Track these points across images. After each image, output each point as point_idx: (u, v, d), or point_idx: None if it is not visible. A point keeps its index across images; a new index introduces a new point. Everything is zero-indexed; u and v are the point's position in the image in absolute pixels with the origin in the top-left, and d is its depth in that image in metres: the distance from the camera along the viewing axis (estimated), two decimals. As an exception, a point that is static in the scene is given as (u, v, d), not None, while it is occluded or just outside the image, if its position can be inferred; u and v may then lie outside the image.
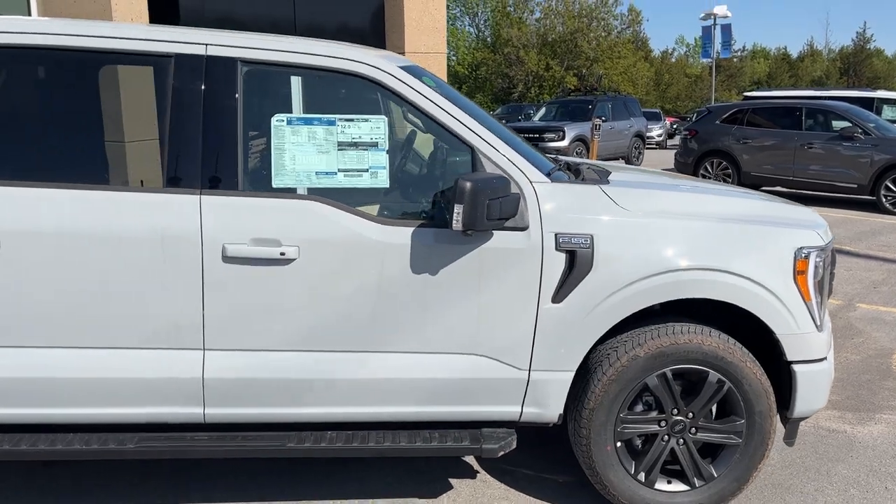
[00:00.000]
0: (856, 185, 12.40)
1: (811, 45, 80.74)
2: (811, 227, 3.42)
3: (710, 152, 14.00)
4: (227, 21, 10.11)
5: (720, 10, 39.48)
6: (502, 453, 3.25)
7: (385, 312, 3.11)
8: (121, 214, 2.97)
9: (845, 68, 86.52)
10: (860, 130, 12.41)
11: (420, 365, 3.18)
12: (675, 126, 33.78)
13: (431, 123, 3.18)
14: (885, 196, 12.19)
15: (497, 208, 2.94)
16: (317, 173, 3.10)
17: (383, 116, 3.15)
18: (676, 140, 22.35)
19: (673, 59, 63.03)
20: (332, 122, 3.12)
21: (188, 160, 3.02)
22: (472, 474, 3.86)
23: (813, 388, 3.34)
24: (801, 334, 3.26)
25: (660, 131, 30.61)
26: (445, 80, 12.31)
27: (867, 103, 15.60)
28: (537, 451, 4.05)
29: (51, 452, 3.07)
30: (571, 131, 18.17)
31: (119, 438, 3.13)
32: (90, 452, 3.10)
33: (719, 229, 3.26)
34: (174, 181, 3.02)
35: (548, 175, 3.23)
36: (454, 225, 2.90)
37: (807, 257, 3.26)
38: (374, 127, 3.14)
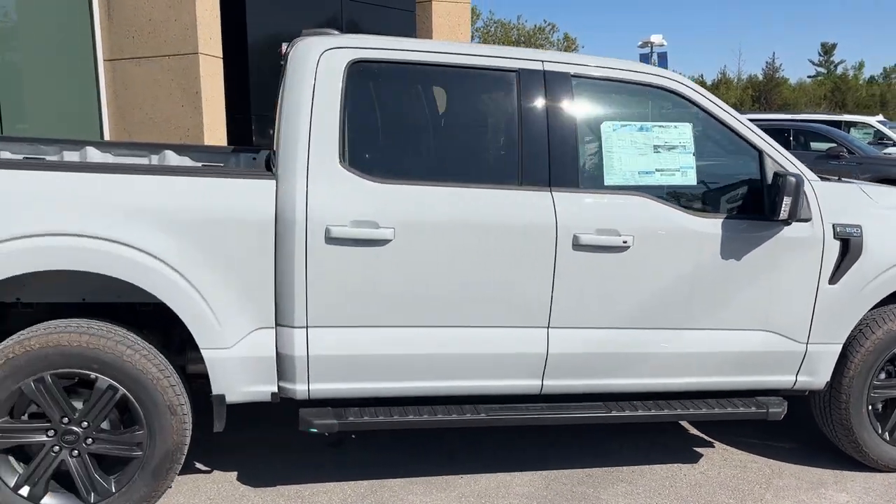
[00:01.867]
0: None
1: (724, 73, 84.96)
2: None
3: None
4: (287, 37, 10.36)
5: (657, 38, 41.39)
6: (782, 417, 3.75)
7: (697, 294, 3.58)
8: (492, 209, 3.35)
9: (757, 95, 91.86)
10: (845, 150, 13.57)
11: (721, 340, 3.65)
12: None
13: (724, 129, 3.69)
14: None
15: (804, 201, 3.48)
16: (639, 172, 3.56)
17: (689, 123, 3.64)
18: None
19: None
20: (648, 129, 3.59)
21: (539, 160, 3.43)
22: (708, 444, 4.34)
23: None
24: None
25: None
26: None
27: (836, 125, 16.96)
28: (748, 423, 4.54)
29: (423, 422, 3.41)
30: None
31: (474, 409, 3.49)
32: (450, 422, 3.45)
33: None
34: (530, 179, 3.42)
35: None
36: (781, 214, 3.40)
37: None
38: (681, 133, 3.62)
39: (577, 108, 3.53)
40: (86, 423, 3.14)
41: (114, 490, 3.18)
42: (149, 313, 3.52)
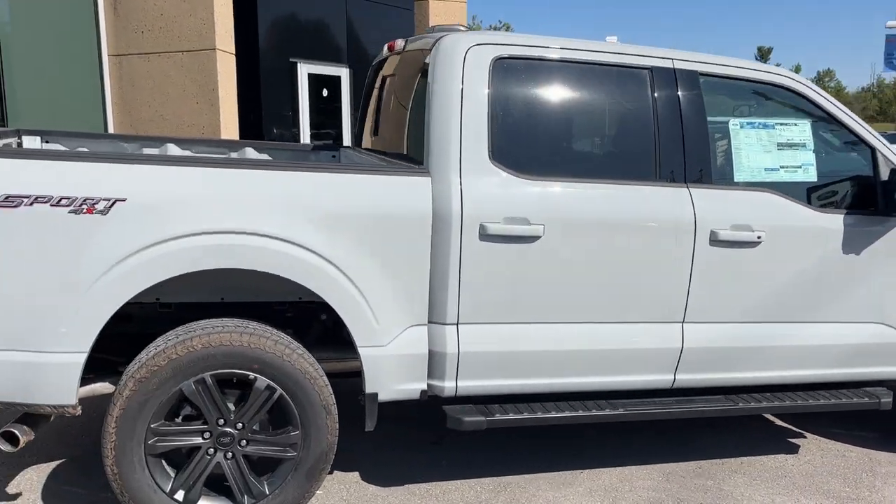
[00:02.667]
0: None
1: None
2: None
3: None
4: (295, 32, 10.26)
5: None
6: (891, 407, 3.88)
7: (819, 287, 3.67)
8: (634, 205, 3.38)
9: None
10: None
11: (838, 332, 3.75)
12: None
13: (840, 128, 3.79)
14: None
15: (918, 197, 3.61)
16: (765, 169, 3.63)
17: (807, 121, 3.73)
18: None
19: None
20: (772, 126, 3.66)
21: (675, 157, 3.47)
22: (799, 434, 4.45)
23: None
24: None
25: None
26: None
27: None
28: (828, 414, 4.67)
29: (563, 418, 3.41)
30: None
31: (610, 405, 3.51)
32: (588, 417, 3.46)
33: None
34: (667, 175, 3.46)
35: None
36: None
37: None
38: (802, 130, 3.71)
39: (707, 105, 3.59)
40: (240, 425, 3.06)
41: (267, 492, 3.12)
42: (283, 312, 3.46)
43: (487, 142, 3.23)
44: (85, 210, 2.79)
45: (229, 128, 8.91)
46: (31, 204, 2.75)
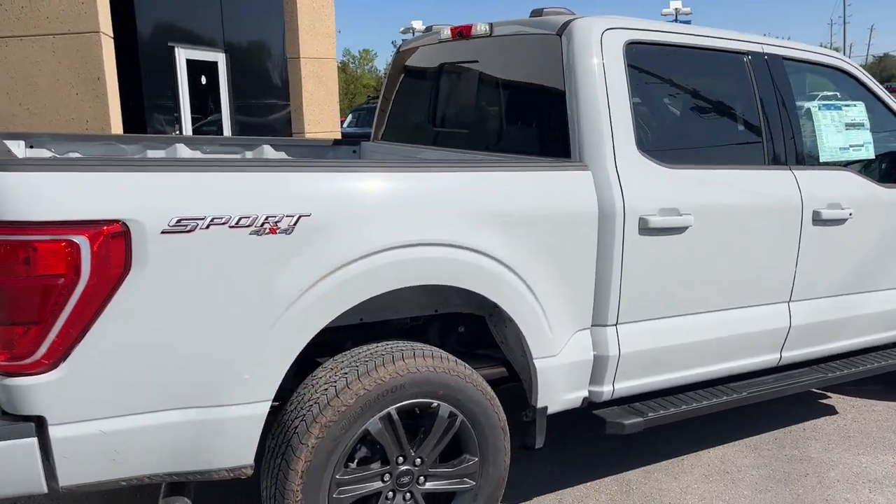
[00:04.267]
0: None
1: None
2: None
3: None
4: (172, 14, 9.31)
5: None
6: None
7: (887, 257, 3.92)
8: (757, 189, 3.40)
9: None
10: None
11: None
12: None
13: (883, 108, 4.05)
14: None
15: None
16: (839, 149, 3.80)
17: (862, 102, 3.95)
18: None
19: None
20: (839, 108, 3.84)
21: (778, 140, 3.54)
22: (825, 396, 4.76)
23: None
24: None
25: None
26: (336, 85, 12.44)
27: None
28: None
29: (704, 408, 3.38)
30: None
31: (735, 389, 3.53)
32: (721, 404, 3.45)
33: None
34: (774, 159, 3.52)
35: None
36: None
37: None
38: (860, 111, 3.93)
39: (794, 88, 3.68)
40: (419, 460, 2.72)
41: None
42: (418, 328, 3.13)
43: (633, 130, 3.09)
44: (268, 230, 2.31)
45: (117, 121, 7.90)
46: (207, 227, 2.23)
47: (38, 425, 2.13)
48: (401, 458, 2.68)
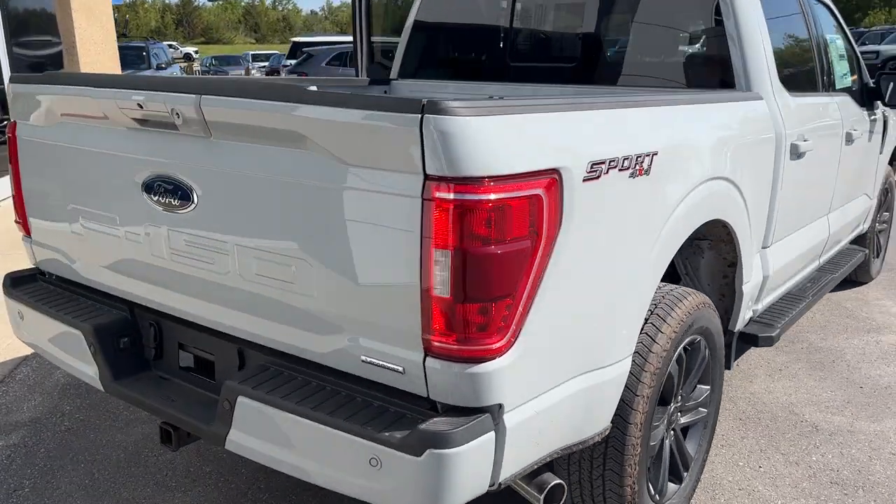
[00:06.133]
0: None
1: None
2: None
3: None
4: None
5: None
6: None
7: (861, 171, 4.60)
8: (836, 112, 3.84)
9: (178, 20, 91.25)
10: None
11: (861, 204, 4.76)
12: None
13: (847, 43, 4.67)
14: None
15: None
16: (841, 76, 4.34)
17: (839, 34, 4.51)
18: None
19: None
20: (835, 40, 4.37)
21: (824, 68, 3.96)
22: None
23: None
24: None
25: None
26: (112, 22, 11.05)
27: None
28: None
29: (800, 310, 3.77)
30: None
31: (804, 291, 3.98)
32: (812, 302, 3.89)
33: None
34: (824, 85, 3.93)
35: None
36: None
37: None
38: (843, 43, 4.49)
39: (819, 18, 4.11)
40: (680, 396, 2.73)
41: (694, 455, 2.87)
42: None
43: (775, 61, 3.27)
44: (638, 171, 2.13)
45: None
46: (608, 171, 2.00)
47: (493, 415, 1.79)
48: (680, 396, 2.67)
